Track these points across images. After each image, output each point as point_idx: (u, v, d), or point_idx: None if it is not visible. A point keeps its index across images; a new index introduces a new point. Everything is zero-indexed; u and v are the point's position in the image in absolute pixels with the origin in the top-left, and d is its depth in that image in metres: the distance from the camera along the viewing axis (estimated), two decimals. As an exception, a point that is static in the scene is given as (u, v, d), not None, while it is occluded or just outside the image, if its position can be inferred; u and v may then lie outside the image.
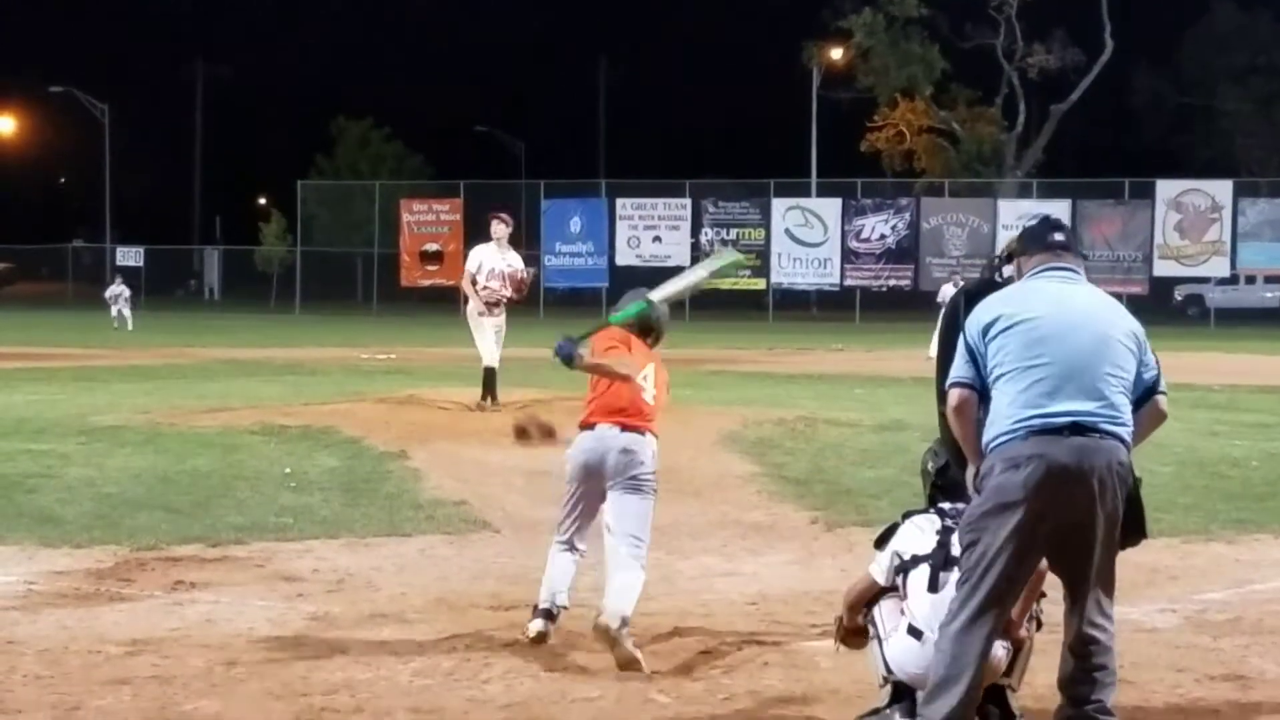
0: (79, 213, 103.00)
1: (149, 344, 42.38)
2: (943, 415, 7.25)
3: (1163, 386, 7.17)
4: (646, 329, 9.72)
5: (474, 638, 9.24)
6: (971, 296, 7.31)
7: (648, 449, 9.34)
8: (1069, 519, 6.78)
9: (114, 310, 53.98)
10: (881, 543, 7.54)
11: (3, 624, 9.45)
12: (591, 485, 9.36)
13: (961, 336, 7.05)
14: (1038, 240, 7.28)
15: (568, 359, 9.28)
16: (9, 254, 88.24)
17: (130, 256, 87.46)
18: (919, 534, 7.39)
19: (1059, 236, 7.30)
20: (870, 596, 7.49)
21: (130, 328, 51.52)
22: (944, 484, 7.55)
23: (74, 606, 9.98)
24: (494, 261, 21.57)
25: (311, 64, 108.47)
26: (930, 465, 7.69)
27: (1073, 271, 7.18)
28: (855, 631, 7.65)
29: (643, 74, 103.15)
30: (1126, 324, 7.06)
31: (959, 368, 7.00)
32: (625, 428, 9.30)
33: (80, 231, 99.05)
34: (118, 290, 55.24)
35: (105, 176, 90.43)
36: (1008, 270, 7.45)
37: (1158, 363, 7.17)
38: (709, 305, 68.07)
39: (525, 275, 21.46)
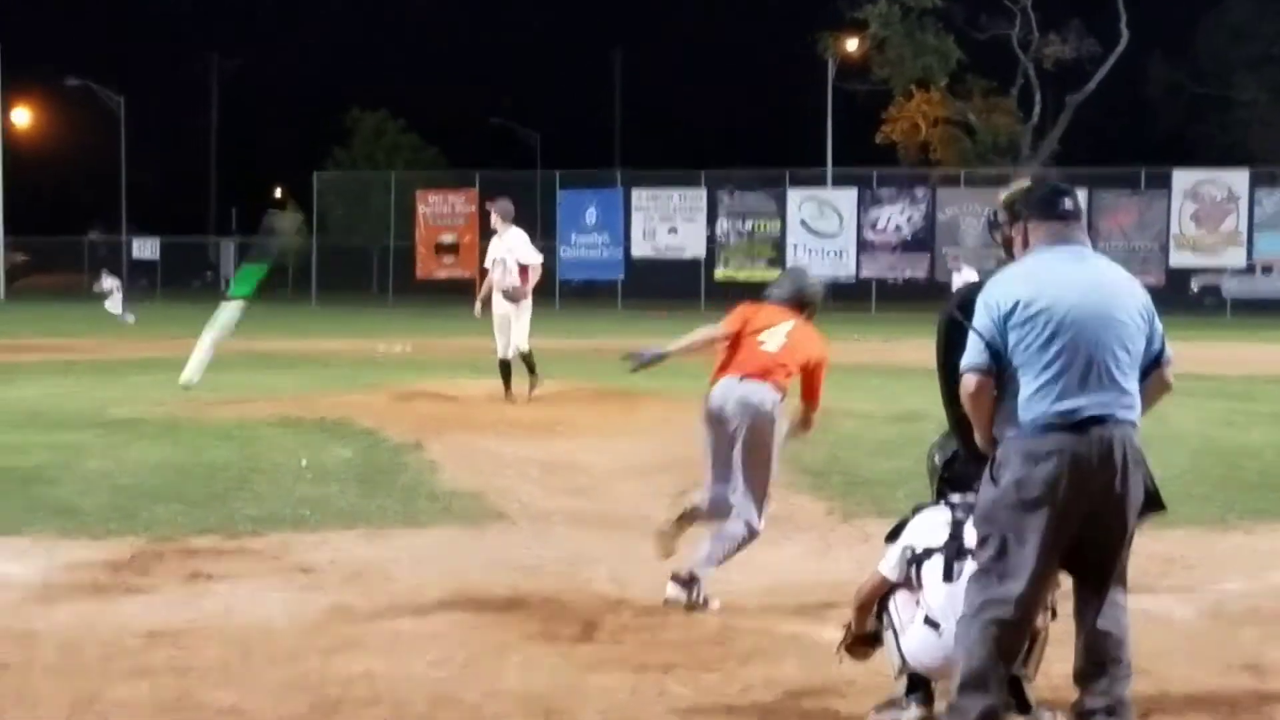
0: (94, 205, 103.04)
1: (165, 336, 42.40)
2: (956, 418, 7.21)
3: (1168, 356, 7.11)
4: (802, 303, 10.47)
5: (491, 629, 9.25)
6: (965, 309, 7.15)
7: (768, 399, 9.98)
8: (1093, 511, 6.78)
9: (115, 308, 52.18)
10: (892, 538, 7.56)
11: (21, 615, 9.48)
12: (719, 432, 10.05)
13: (973, 322, 6.95)
14: (1046, 208, 7.12)
15: (655, 359, 10.40)
16: (24, 246, 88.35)
17: (146, 248, 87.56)
18: (930, 526, 7.40)
19: (1068, 204, 7.15)
20: (881, 595, 7.50)
21: (116, 314, 50.32)
22: (951, 476, 7.54)
23: (92, 598, 10.00)
24: (494, 251, 21.70)
25: (325, 56, 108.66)
26: (937, 459, 7.67)
27: (1082, 245, 7.10)
28: (862, 640, 7.67)
29: (658, 64, 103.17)
30: (1136, 299, 7.01)
31: (974, 353, 6.88)
32: (745, 377, 10.01)
33: (95, 224, 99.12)
34: (111, 283, 53.94)
35: (121, 169, 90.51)
36: (1005, 227, 7.26)
37: (1163, 332, 7.12)
38: (725, 297, 68.08)
39: (516, 282, 21.46)
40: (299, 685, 8.03)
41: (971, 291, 7.23)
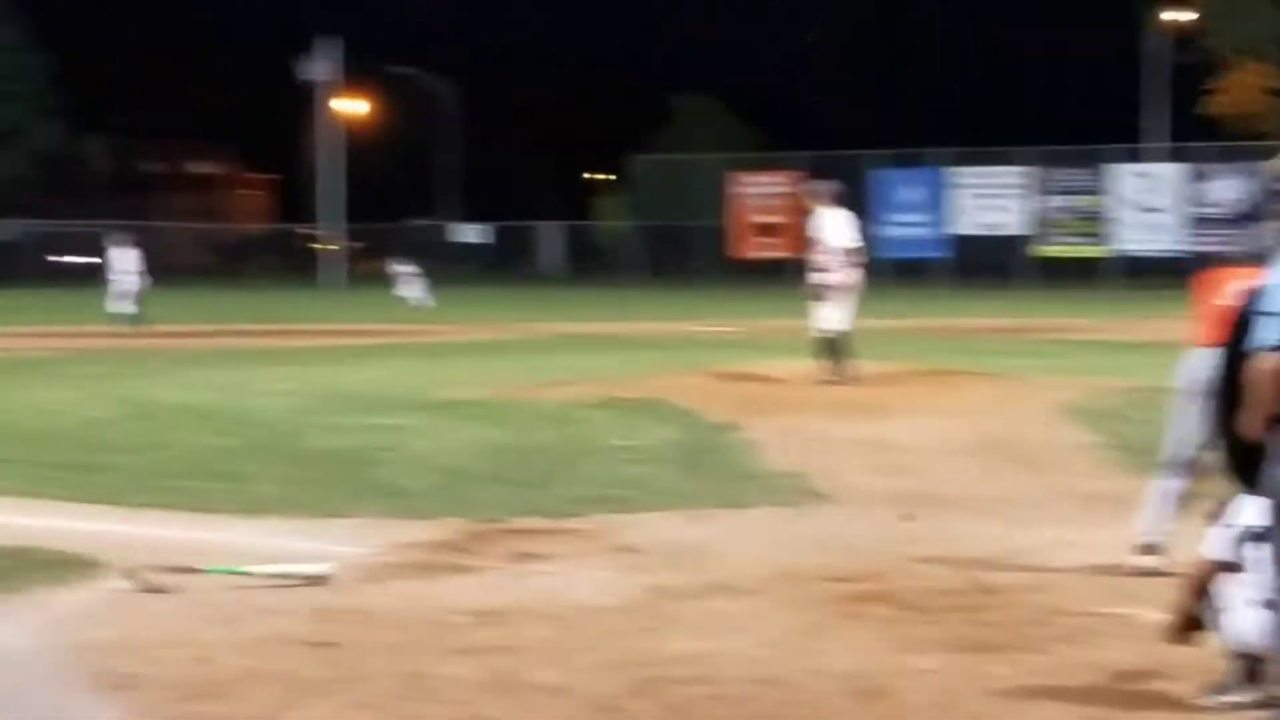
0: (422, 191, 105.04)
1: (490, 319, 43.10)
2: (1221, 410, 7.08)
3: None
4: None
5: (812, 608, 9.23)
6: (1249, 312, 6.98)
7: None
8: None
9: (408, 292, 53.28)
10: (1220, 518, 7.39)
11: (353, 593, 9.68)
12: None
13: (1273, 304, 6.73)
14: None
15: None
16: (359, 233, 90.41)
17: (472, 234, 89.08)
18: (1257, 507, 7.22)
19: None
20: (1208, 577, 7.35)
21: (414, 304, 51.46)
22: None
23: (420, 577, 10.17)
24: (810, 232, 21.84)
25: (647, 37, 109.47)
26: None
27: None
28: (1188, 624, 7.51)
29: (980, 39, 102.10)
30: None
31: (1275, 333, 6.69)
32: None
33: (422, 210, 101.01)
34: (403, 269, 54.89)
35: (447, 155, 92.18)
36: None
37: None
38: (1046, 274, 67.22)
39: (825, 264, 21.48)
40: (622, 664, 8.08)
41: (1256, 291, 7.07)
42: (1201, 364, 10.02)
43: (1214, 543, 7.31)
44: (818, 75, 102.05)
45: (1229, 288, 10.06)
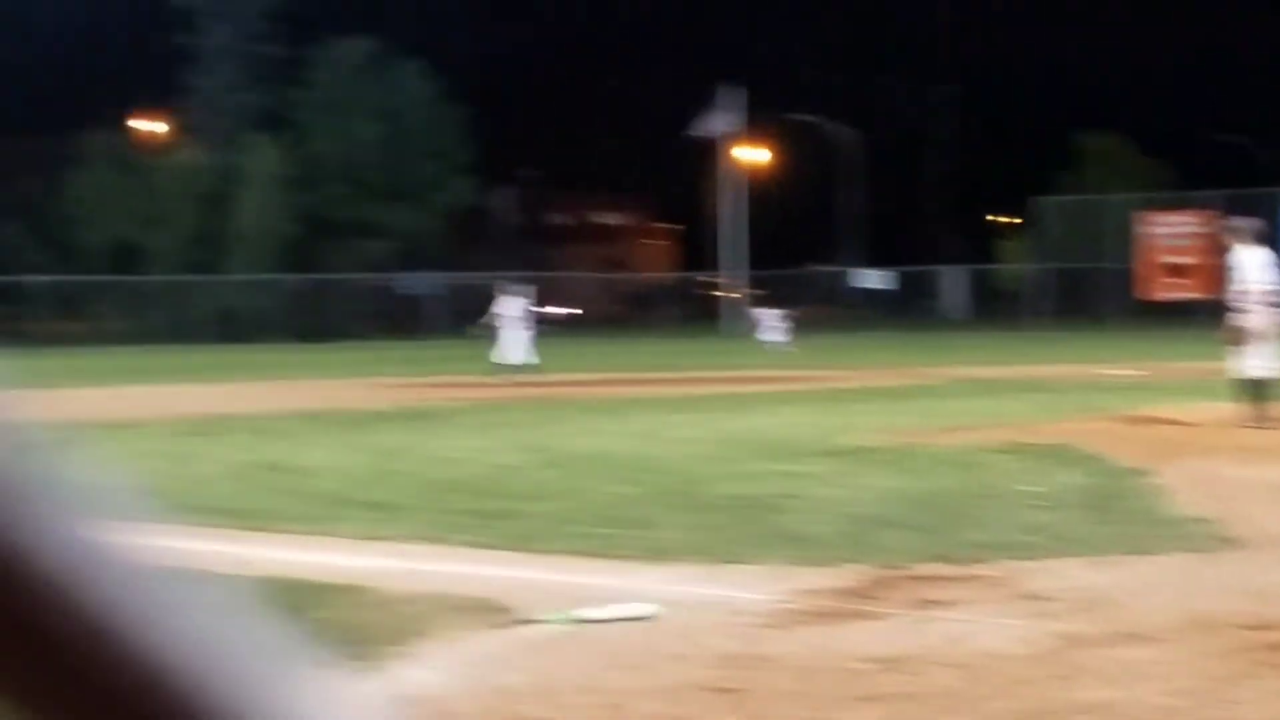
0: (822, 237, 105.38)
1: (892, 364, 43.00)
2: None
3: None
4: None
5: (1225, 657, 8.98)
6: None
7: None
8: None
9: (771, 337, 53.66)
10: None
11: (757, 640, 9.70)
12: None
13: None
14: None
15: None
16: (761, 280, 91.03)
17: (874, 279, 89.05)
18: None
19: None
20: None
21: (775, 349, 51.77)
22: None
23: (823, 624, 10.15)
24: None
25: (1051, 77, 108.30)
26: None
27: None
28: None
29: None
30: None
31: None
32: None
33: (824, 256, 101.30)
34: (761, 315, 55.21)
35: (849, 200, 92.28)
36: None
37: None
38: None
39: (1237, 304, 20.91)
40: (1029, 713, 7.96)
41: None
42: None
43: None
44: (1231, 111, 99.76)
45: None
